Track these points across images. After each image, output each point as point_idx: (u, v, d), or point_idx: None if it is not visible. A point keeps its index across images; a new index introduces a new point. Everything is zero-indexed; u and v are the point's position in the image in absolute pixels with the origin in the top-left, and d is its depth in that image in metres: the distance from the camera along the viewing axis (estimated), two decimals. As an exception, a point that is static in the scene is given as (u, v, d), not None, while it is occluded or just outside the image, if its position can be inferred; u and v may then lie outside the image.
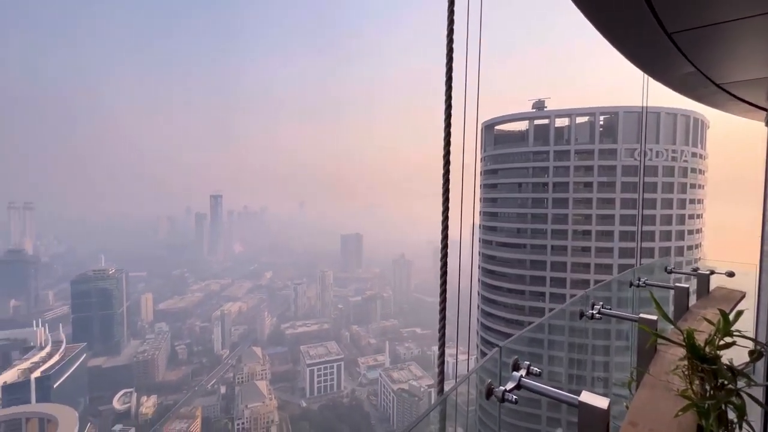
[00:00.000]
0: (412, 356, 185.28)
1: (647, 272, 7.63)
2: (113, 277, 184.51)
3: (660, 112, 57.33)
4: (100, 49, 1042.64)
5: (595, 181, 57.37)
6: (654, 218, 56.59)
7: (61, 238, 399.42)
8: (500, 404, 2.86)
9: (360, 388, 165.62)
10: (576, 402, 2.58)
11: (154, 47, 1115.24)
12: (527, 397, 3.07)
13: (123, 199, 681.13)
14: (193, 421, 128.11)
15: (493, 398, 2.88)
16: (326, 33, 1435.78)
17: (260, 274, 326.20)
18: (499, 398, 2.85)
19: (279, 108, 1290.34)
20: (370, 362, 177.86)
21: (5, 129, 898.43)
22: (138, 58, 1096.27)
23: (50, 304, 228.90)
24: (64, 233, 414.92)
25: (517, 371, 2.95)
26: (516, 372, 2.95)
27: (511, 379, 2.92)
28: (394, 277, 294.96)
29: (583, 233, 57.69)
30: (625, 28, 3.73)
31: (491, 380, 3.04)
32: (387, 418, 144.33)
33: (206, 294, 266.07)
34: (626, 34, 3.90)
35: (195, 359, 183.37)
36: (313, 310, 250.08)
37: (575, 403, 2.59)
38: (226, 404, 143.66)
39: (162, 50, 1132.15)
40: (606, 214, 56.89)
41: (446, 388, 4.57)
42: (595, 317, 4.81)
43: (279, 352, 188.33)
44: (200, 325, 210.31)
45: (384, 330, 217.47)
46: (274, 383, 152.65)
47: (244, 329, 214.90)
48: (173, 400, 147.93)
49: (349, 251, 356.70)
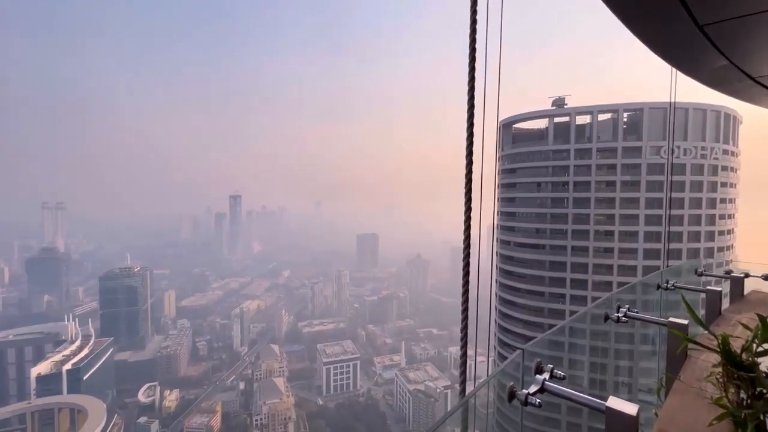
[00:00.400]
0: (428, 357, 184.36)
1: (675, 274, 7.33)
2: (138, 275, 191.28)
3: (688, 108, 55.01)
4: (121, 53, 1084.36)
5: (619, 180, 55.54)
6: (682, 218, 54.35)
7: (90, 236, 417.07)
8: (522, 408, 2.81)
9: (376, 387, 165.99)
10: (603, 407, 2.50)
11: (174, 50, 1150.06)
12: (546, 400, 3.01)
13: (147, 200, 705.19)
14: (213, 416, 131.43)
15: (516, 401, 2.84)
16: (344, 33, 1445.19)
17: (278, 272, 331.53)
18: (522, 401, 2.80)
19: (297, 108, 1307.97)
20: (385, 362, 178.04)
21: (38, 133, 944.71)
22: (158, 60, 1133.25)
23: (80, 299, 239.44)
24: (93, 232, 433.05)
25: (540, 374, 2.88)
26: (539, 375, 2.88)
27: (534, 383, 2.87)
28: (410, 277, 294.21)
29: (606, 234, 55.95)
30: (654, 21, 3.60)
31: (513, 383, 2.98)
32: (403, 418, 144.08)
33: (226, 292, 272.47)
34: (655, 27, 3.75)
35: (215, 355, 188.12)
36: (330, 308, 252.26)
37: (602, 408, 2.51)
38: (245, 400, 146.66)
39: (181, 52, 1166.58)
40: (630, 214, 55.01)
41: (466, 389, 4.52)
42: (621, 320, 4.65)
43: (296, 350, 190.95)
44: (220, 322, 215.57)
45: (400, 330, 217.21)
46: (291, 380, 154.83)
47: (263, 327, 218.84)
48: (194, 394, 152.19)
49: (365, 251, 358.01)
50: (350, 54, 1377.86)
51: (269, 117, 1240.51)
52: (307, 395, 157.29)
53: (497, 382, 3.50)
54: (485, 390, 3.35)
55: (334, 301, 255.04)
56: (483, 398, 3.43)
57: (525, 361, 3.25)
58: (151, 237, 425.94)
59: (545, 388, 2.84)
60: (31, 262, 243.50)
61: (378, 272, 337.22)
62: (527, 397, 2.81)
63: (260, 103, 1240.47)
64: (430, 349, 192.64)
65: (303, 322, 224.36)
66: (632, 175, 55.41)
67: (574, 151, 58.10)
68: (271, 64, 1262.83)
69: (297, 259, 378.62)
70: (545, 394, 2.83)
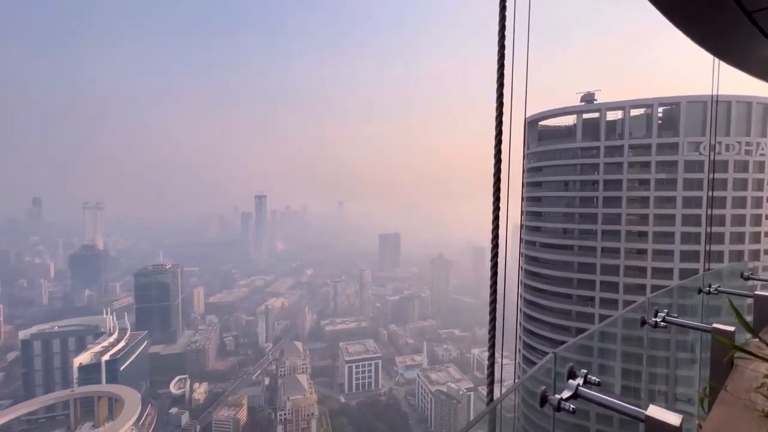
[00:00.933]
0: (450, 358, 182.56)
1: (718, 278, 6.90)
2: (170, 272, 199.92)
3: (731, 101, 51.61)
4: (149, 56, 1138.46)
5: (653, 178, 52.84)
6: (724, 218, 51.08)
7: (126, 235, 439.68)
8: (555, 413, 2.71)
9: (397, 387, 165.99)
10: (642, 416, 2.39)
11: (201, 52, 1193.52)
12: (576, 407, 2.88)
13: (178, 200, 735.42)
14: (239, 410, 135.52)
15: (547, 407, 2.74)
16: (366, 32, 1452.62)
17: (301, 271, 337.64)
18: (554, 407, 2.71)
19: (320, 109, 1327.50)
20: (407, 362, 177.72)
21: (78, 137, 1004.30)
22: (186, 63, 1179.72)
23: (117, 294, 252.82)
24: (129, 230, 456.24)
25: (573, 379, 2.77)
26: (572, 380, 2.77)
27: (567, 388, 2.77)
28: (432, 277, 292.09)
29: (639, 234, 53.37)
30: (696, 8, 3.39)
31: (545, 387, 2.88)
32: (425, 419, 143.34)
33: (251, 289, 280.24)
34: (698, 16, 3.53)
35: (241, 351, 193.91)
36: (352, 307, 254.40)
37: (641, 417, 2.39)
38: (269, 395, 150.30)
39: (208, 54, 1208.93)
40: (665, 213, 52.21)
41: (492, 392, 4.43)
42: (659, 325, 4.41)
43: (319, 347, 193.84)
44: (246, 319, 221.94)
45: (422, 330, 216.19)
46: (314, 377, 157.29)
47: (286, 324, 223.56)
48: (222, 388, 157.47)
49: (387, 250, 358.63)
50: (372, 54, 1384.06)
51: (293, 117, 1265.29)
52: (330, 392, 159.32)
53: (524, 386, 3.40)
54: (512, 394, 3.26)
55: (356, 300, 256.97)
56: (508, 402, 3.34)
57: (549, 364, 3.15)
58: (182, 235, 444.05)
59: (579, 393, 2.73)
60: (74, 259, 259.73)
61: (400, 272, 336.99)
62: (560, 402, 2.70)
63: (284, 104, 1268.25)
64: (452, 351, 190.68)
65: (325, 320, 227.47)
66: (668, 173, 52.56)
67: (604, 149, 55.80)
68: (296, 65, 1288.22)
69: (320, 258, 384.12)
70: (578, 400, 2.72)
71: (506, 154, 4.32)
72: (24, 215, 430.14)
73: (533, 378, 3.47)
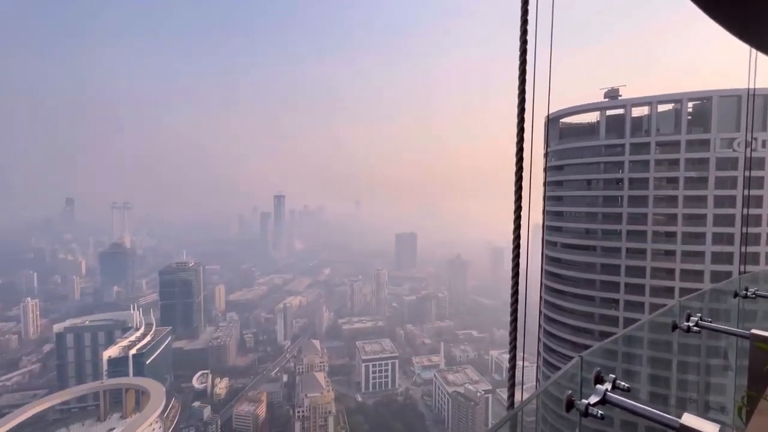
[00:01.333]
0: (468, 359, 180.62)
1: (755, 281, 6.52)
2: (193, 270, 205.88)
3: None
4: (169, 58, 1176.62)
5: (682, 176, 50.58)
6: (760, 218, 48.38)
7: (151, 233, 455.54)
8: (580, 419, 2.61)
9: (414, 387, 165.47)
10: (677, 425, 2.30)
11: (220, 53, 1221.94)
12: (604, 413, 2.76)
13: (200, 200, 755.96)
14: (259, 405, 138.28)
15: (574, 412, 2.64)
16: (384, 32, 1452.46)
17: (319, 270, 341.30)
18: (582, 412, 2.61)
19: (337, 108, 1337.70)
20: (424, 362, 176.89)
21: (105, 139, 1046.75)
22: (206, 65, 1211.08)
23: (143, 290, 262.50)
24: (154, 229, 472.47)
25: (601, 384, 2.67)
26: (600, 385, 2.67)
27: (594, 393, 2.67)
28: (449, 277, 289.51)
29: (667, 235, 51.20)
30: (734, -3, 3.21)
31: (571, 392, 2.78)
32: (442, 420, 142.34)
33: (270, 287, 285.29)
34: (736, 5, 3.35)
35: (260, 347, 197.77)
36: (368, 307, 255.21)
37: (675, 426, 2.30)
38: (287, 392, 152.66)
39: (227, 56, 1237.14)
40: (695, 213, 49.89)
41: (514, 395, 4.33)
42: (691, 330, 4.20)
43: (336, 346, 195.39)
44: (265, 316, 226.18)
45: (439, 331, 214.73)
46: (331, 375, 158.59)
47: (304, 322, 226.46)
48: (242, 383, 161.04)
49: (404, 250, 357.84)
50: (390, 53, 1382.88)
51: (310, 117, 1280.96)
52: (347, 391, 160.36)
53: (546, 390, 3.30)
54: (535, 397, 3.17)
55: (373, 299, 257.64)
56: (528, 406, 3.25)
57: (574, 369, 3.04)
58: (203, 234, 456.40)
59: (607, 399, 2.62)
60: (104, 256, 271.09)
61: (416, 272, 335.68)
62: (587, 407, 2.60)
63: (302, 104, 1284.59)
64: (470, 352, 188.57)
65: (343, 319, 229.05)
66: (698, 170, 50.21)
67: (629, 146, 53.81)
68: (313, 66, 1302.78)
69: (337, 257, 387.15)
70: (606, 406, 2.62)
71: (529, 152, 4.20)
72: (58, 215, 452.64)
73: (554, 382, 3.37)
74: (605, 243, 54.51)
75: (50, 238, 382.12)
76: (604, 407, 2.62)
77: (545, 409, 3.16)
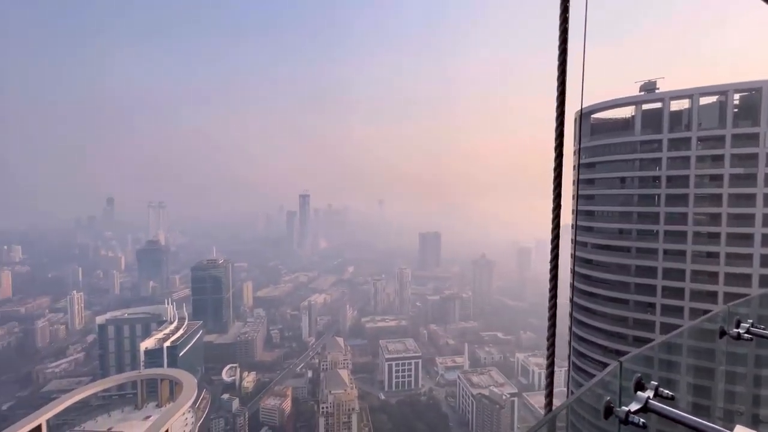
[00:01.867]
0: (493, 361, 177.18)
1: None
2: (222, 267, 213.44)
3: (827, 84, 44.78)
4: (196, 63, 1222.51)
5: (727, 173, 47.19)
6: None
7: (184, 231, 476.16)
8: (621, 426, 2.43)
9: (438, 388, 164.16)
10: None
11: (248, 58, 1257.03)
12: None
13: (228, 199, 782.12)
14: (284, 400, 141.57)
15: (612, 419, 2.47)
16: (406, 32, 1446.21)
17: (343, 268, 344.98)
18: (621, 419, 2.47)
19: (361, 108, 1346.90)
20: (448, 363, 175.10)
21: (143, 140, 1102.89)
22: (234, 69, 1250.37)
23: (176, 286, 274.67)
24: (187, 227, 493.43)
25: (642, 392, 2.50)
26: (641, 392, 2.48)
27: (635, 400, 2.53)
28: (474, 277, 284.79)
29: (709, 236, 47.92)
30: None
31: (610, 398, 2.61)
32: (466, 422, 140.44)
33: (296, 285, 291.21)
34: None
35: (286, 343, 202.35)
36: (392, 306, 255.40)
37: None
38: (312, 388, 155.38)
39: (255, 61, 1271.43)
40: (743, 213, 46.41)
41: (544, 400, 4.16)
42: (742, 337, 3.86)
43: (359, 344, 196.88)
44: (290, 313, 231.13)
45: (463, 331, 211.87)
46: (354, 373, 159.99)
47: (328, 320, 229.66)
48: (268, 378, 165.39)
49: (428, 250, 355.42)
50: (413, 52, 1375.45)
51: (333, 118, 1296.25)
52: (370, 389, 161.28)
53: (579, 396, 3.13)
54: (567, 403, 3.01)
55: (396, 298, 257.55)
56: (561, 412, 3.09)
57: (620, 375, 2.85)
58: (232, 232, 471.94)
59: (649, 407, 2.46)
60: (141, 253, 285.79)
61: (440, 272, 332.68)
62: (628, 415, 2.46)
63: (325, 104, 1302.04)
64: (495, 354, 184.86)
65: (366, 317, 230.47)
66: (746, 167, 46.69)
67: (667, 142, 50.80)
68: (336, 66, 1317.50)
69: (361, 256, 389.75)
70: (648, 414, 2.47)
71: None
72: (100, 213, 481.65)
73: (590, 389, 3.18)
74: (641, 244, 51.78)
75: (93, 235, 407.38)
76: (645, 415, 2.47)
77: (575, 416, 3.00)
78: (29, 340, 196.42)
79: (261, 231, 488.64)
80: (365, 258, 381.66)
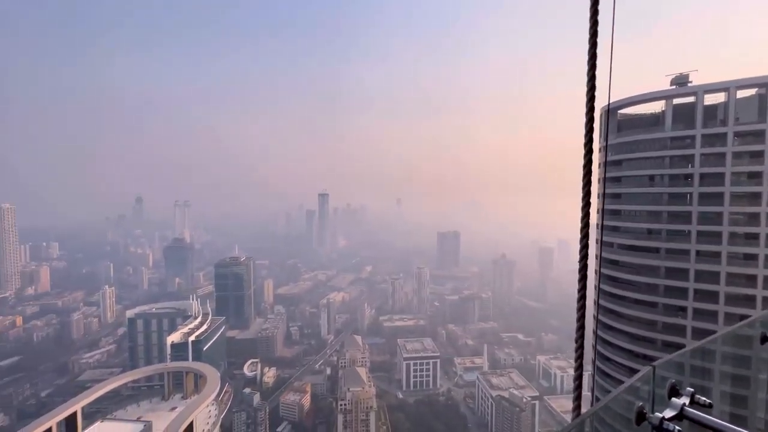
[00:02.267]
0: (513, 363, 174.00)
1: None
2: (244, 264, 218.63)
3: None
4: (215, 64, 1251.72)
5: (767, 171, 44.61)
6: None
7: (208, 229, 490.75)
8: None
9: (456, 388, 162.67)
10: None
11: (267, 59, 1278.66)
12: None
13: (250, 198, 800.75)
14: (304, 396, 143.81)
15: (645, 425, 2.34)
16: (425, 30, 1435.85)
17: (361, 267, 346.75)
18: (654, 426, 2.40)
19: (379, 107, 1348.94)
20: (467, 363, 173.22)
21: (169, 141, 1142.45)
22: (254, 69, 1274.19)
23: (201, 282, 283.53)
24: (210, 225, 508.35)
25: (677, 398, 2.42)
26: (676, 399, 2.42)
27: (670, 406, 2.44)
28: (493, 277, 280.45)
29: (746, 237, 45.31)
30: None
31: (642, 404, 2.46)
32: (485, 424, 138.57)
33: (315, 283, 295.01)
34: None
35: (305, 340, 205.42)
36: (410, 305, 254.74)
37: None
38: (330, 385, 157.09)
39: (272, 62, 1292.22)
40: (783, 212, 43.76)
41: (569, 405, 4.01)
42: (786, 345, 3.60)
43: (377, 342, 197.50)
44: (310, 310, 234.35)
45: (482, 332, 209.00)
46: (372, 371, 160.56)
47: (347, 318, 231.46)
48: (288, 374, 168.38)
49: (446, 249, 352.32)
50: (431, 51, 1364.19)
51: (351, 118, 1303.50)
52: (387, 387, 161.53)
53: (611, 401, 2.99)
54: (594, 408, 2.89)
55: (414, 297, 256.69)
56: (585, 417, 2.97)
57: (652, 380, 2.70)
58: (254, 231, 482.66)
59: (685, 414, 2.37)
60: (167, 250, 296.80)
61: (459, 271, 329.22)
62: (662, 422, 2.37)
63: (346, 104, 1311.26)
64: (515, 356, 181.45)
65: (384, 316, 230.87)
66: (788, 164, 43.96)
67: (701, 137, 48.33)
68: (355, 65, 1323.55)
69: (379, 254, 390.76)
70: (684, 421, 2.38)
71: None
72: (130, 212, 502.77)
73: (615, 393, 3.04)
74: (671, 245, 49.53)
75: (123, 233, 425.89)
76: (680, 423, 2.40)
77: (600, 422, 2.87)
78: (66, 331, 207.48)
79: (281, 229, 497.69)
80: (383, 257, 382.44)
